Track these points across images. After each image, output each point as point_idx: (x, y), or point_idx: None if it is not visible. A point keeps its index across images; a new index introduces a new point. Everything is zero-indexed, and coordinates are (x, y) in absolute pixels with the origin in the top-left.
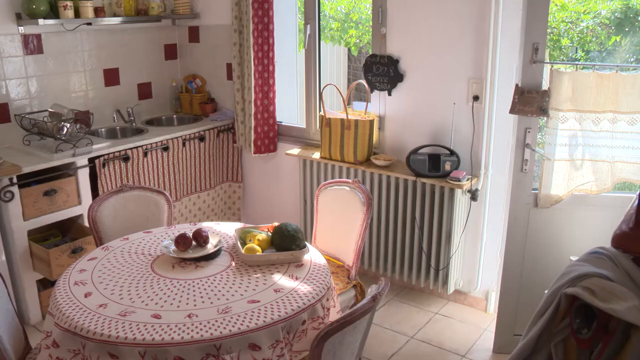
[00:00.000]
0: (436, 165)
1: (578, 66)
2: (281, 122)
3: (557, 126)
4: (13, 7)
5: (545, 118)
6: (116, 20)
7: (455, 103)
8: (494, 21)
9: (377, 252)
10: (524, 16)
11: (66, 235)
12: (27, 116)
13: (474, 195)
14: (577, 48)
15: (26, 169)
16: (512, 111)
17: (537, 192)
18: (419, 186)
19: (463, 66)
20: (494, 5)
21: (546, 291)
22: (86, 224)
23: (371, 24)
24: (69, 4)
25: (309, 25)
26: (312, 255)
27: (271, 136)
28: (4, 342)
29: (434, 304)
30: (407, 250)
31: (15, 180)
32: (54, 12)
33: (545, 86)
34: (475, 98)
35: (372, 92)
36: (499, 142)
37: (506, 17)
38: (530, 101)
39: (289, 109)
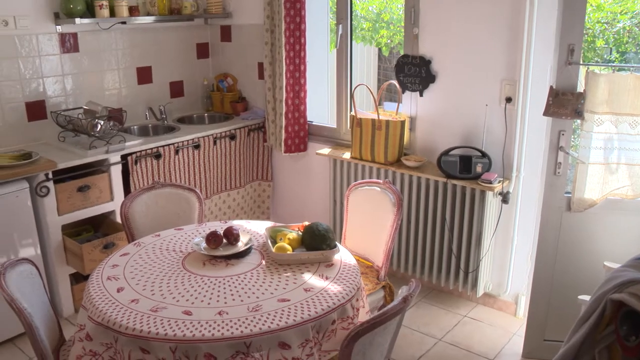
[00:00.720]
0: (467, 167)
1: (614, 68)
2: (312, 121)
3: (592, 129)
4: (52, 7)
5: (580, 121)
6: (150, 19)
7: (487, 104)
8: (528, 22)
9: (406, 253)
10: (560, 17)
11: (98, 231)
12: (62, 113)
13: (505, 197)
14: (611, 49)
15: (61, 165)
16: (546, 113)
17: (570, 195)
18: (450, 188)
19: (496, 67)
20: (529, 6)
21: (581, 297)
22: (118, 220)
23: (403, 24)
24: (105, 3)
25: (340, 25)
26: (343, 255)
27: (302, 135)
28: (40, 333)
29: (462, 307)
30: (437, 252)
31: (50, 175)
32: (90, 11)
33: (580, 88)
34: (508, 100)
35: (403, 92)
36: (532, 144)
37: (540, 18)
38: (565, 103)
39: (320, 108)
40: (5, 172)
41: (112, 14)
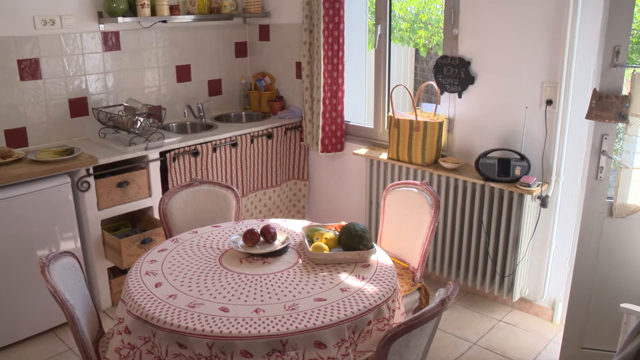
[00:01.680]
0: (506, 170)
1: None
2: (349, 121)
3: (637, 133)
4: (95, 6)
5: (623, 124)
6: (189, 18)
7: (527, 107)
8: (571, 23)
9: (442, 255)
10: (605, 18)
11: (136, 226)
12: (103, 110)
13: (544, 201)
14: None
15: (102, 161)
16: (588, 116)
17: (612, 201)
18: (487, 190)
19: (537, 69)
20: (572, 7)
21: (624, 305)
22: (155, 215)
23: (442, 25)
24: (146, 2)
25: (379, 26)
26: (379, 256)
27: (338, 135)
28: (81, 325)
29: (497, 311)
30: (473, 255)
31: (91, 171)
32: (132, 10)
33: (625, 91)
34: (549, 102)
35: (442, 93)
36: (572, 148)
37: (584, 19)
38: (609, 106)
39: (356, 108)
40: (49, 167)
41: (153, 12)
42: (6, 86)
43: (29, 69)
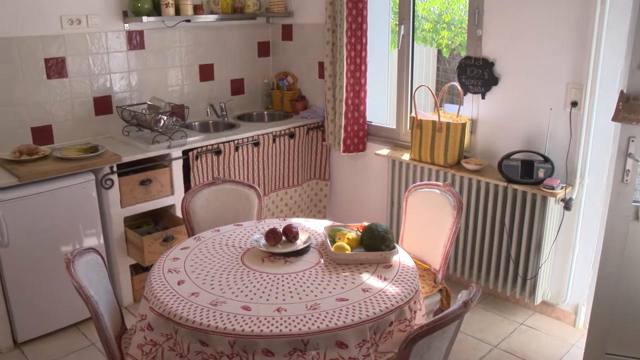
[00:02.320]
0: (529, 172)
1: None
2: (371, 121)
3: None
4: (121, 6)
5: None
6: (213, 17)
7: (551, 108)
8: (598, 23)
9: (463, 257)
10: (634, 18)
11: (158, 224)
12: (127, 108)
13: (567, 204)
14: None
15: (125, 159)
16: (615, 119)
17: (638, 204)
18: (510, 192)
19: (562, 71)
20: (600, 6)
21: None
22: (177, 213)
23: (464, 25)
24: (171, 2)
25: (402, 26)
26: (401, 257)
27: (361, 135)
28: (105, 321)
29: (519, 314)
30: (494, 257)
31: (115, 168)
32: (156, 10)
33: None
34: (574, 104)
35: (465, 94)
36: (597, 150)
37: (611, 19)
38: (636, 109)
39: (379, 108)
40: (74, 164)
41: (177, 12)
42: (34, 84)
43: (56, 68)
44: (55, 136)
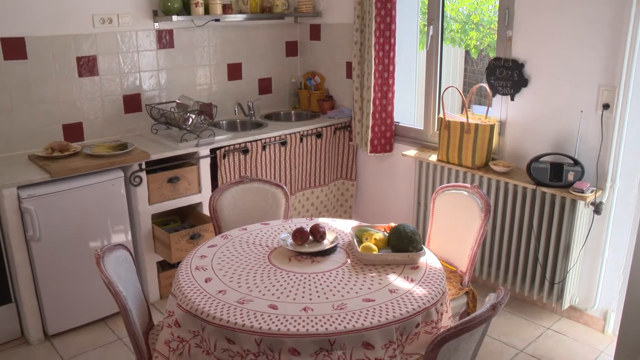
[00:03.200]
0: (558, 175)
1: None
2: (398, 122)
3: None
4: (151, 5)
5: None
6: (241, 17)
7: (582, 111)
8: (633, 25)
9: (490, 259)
10: None
11: (185, 222)
12: (156, 106)
13: (597, 208)
14: None
15: (154, 156)
16: None
17: None
18: (539, 195)
19: (594, 72)
20: (635, 7)
21: None
22: (204, 211)
23: (493, 26)
24: (200, 1)
25: (431, 26)
26: (428, 259)
27: (388, 136)
28: (133, 316)
29: (546, 319)
30: (522, 260)
31: (143, 166)
32: (185, 9)
33: None
34: (606, 106)
35: (494, 96)
36: (629, 153)
37: None
38: None
39: (406, 109)
40: (103, 161)
41: (207, 11)
42: (65, 82)
43: (87, 66)
44: (86, 133)
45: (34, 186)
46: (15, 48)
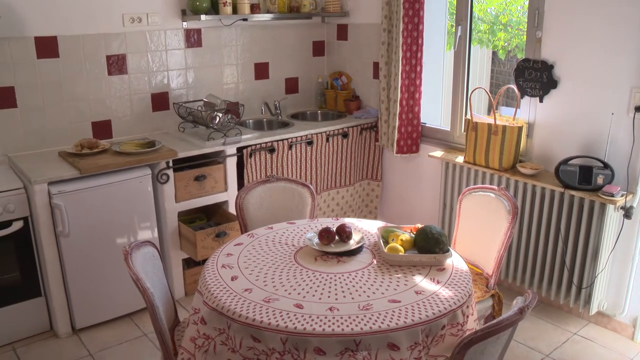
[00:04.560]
0: (587, 178)
1: None
2: (425, 123)
3: None
4: (179, 4)
5: None
6: (269, 16)
7: (613, 113)
8: None
9: (516, 262)
10: None
11: (210, 220)
12: (183, 105)
13: (627, 212)
14: None
15: (181, 154)
16: None
17: None
18: (567, 198)
19: (626, 74)
20: None
21: None
22: (230, 210)
23: (522, 27)
24: (228, 0)
25: (459, 27)
26: (454, 260)
27: (414, 137)
28: (160, 313)
29: (572, 324)
30: (549, 264)
31: (170, 164)
32: (214, 8)
33: None
34: (638, 109)
35: (522, 97)
36: None
37: None
38: None
39: (433, 110)
40: (131, 158)
41: (235, 11)
42: (95, 80)
43: (116, 64)
44: (114, 131)
45: (63, 182)
46: (47, 47)
